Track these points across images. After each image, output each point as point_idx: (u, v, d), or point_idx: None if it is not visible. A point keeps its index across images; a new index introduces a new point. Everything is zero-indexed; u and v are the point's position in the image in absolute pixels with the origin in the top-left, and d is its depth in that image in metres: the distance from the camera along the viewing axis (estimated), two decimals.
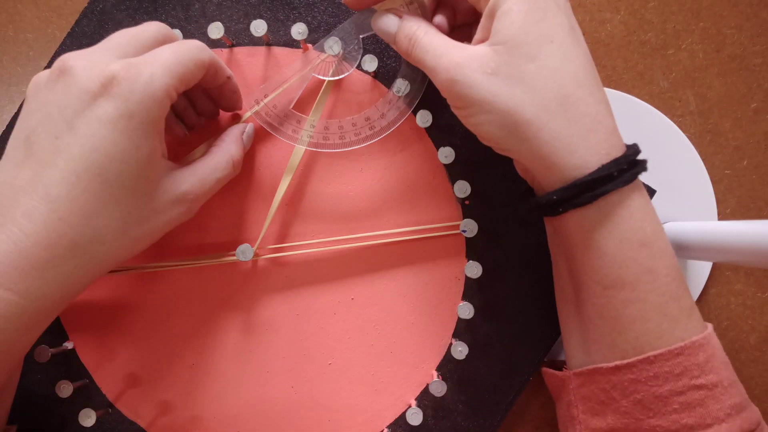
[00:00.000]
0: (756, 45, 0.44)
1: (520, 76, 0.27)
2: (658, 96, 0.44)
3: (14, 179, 0.26)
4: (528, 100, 0.27)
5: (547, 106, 0.27)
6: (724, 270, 0.44)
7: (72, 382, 0.34)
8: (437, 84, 0.29)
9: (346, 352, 0.36)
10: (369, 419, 0.36)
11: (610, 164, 0.27)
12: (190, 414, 0.36)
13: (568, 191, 0.27)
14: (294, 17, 0.37)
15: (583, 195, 0.27)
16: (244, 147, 0.34)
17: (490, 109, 0.27)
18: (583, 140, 0.27)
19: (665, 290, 0.28)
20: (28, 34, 0.45)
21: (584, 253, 0.29)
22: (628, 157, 0.27)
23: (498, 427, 0.36)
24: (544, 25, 0.27)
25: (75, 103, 0.25)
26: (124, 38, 0.28)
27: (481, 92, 0.27)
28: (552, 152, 0.27)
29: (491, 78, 0.27)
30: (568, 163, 0.27)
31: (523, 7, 0.27)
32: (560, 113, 0.27)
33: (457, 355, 0.34)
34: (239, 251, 0.34)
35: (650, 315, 0.28)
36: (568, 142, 0.27)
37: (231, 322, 0.36)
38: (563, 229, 0.30)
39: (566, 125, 0.27)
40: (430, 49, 0.29)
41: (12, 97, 0.45)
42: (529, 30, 0.27)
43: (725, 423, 0.27)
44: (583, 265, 0.29)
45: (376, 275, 0.36)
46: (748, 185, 0.44)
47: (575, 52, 0.27)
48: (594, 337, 0.30)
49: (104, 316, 0.36)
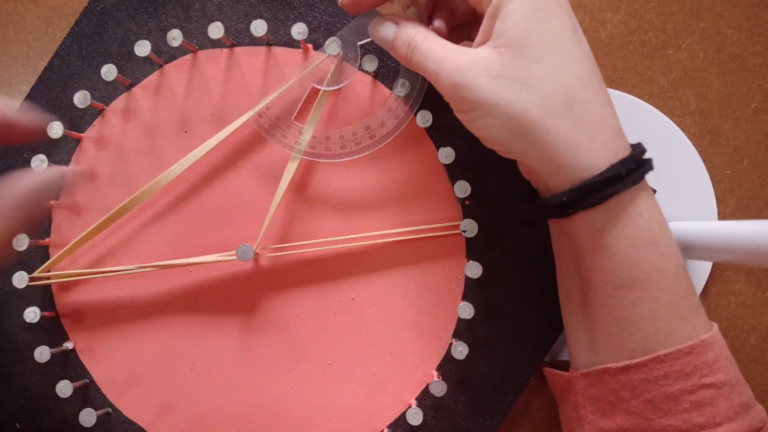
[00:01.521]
0: (756, 45, 0.44)
1: (525, 77, 0.27)
2: (658, 96, 0.44)
3: None
4: (534, 102, 0.27)
5: (553, 107, 0.27)
6: (724, 270, 0.44)
7: (72, 382, 0.34)
8: (440, 89, 0.29)
9: (346, 352, 0.36)
10: (369, 419, 0.36)
11: (618, 164, 0.27)
12: (190, 414, 0.36)
13: (577, 193, 0.27)
14: (294, 17, 0.37)
15: (592, 196, 0.27)
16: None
17: (496, 112, 0.27)
18: (590, 141, 0.27)
19: (675, 289, 0.28)
20: (28, 34, 0.45)
21: (593, 254, 0.29)
22: (635, 157, 0.27)
23: (498, 427, 0.36)
24: (548, 26, 0.27)
25: None
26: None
27: (486, 95, 0.27)
28: (560, 154, 0.27)
29: (496, 80, 0.27)
30: (576, 164, 0.27)
31: (527, 8, 0.27)
32: (567, 114, 0.27)
33: (457, 355, 0.34)
34: (239, 251, 0.34)
35: (661, 314, 0.28)
36: (576, 144, 0.27)
37: (231, 322, 0.36)
38: (571, 230, 0.29)
39: (573, 126, 0.27)
40: (431, 54, 0.29)
41: (12, 98, 0.45)
42: (533, 31, 0.27)
43: (734, 421, 0.27)
44: (593, 266, 0.29)
45: (376, 275, 0.36)
46: (749, 185, 0.44)
47: (579, 53, 0.27)
48: (602, 337, 0.30)
49: (104, 316, 0.36)
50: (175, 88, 0.37)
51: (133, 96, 0.37)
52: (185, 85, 0.37)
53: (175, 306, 0.36)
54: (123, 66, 0.37)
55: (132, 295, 0.36)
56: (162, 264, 0.35)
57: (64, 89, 0.37)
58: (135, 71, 0.37)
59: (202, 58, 0.37)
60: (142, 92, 0.37)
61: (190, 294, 0.36)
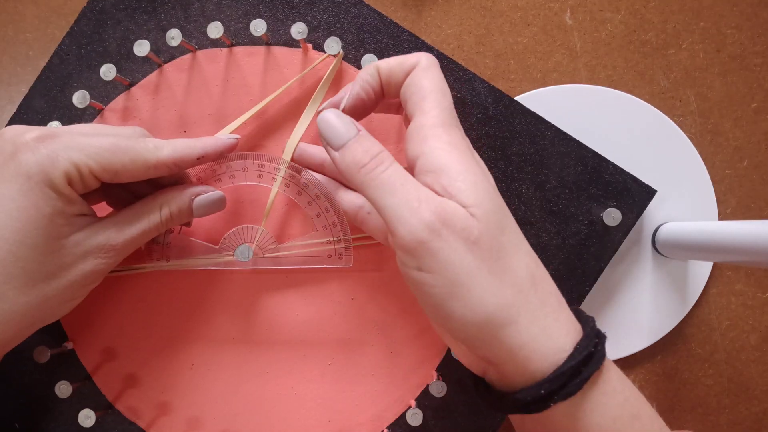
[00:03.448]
0: (756, 45, 0.44)
1: (499, 250, 0.24)
2: (659, 96, 0.44)
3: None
4: (508, 282, 0.24)
5: (522, 287, 0.24)
6: (724, 270, 0.44)
7: (72, 383, 0.34)
8: (396, 239, 0.25)
9: (345, 353, 0.36)
10: (369, 419, 0.36)
11: (584, 341, 0.24)
12: (190, 414, 0.36)
13: (556, 382, 0.24)
14: (294, 17, 0.37)
15: (571, 383, 0.24)
16: (190, 207, 0.31)
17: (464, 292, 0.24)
18: (556, 322, 0.24)
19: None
20: (28, 34, 0.45)
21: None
22: (594, 329, 0.25)
23: (498, 427, 0.36)
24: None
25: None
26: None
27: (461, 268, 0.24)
28: (531, 339, 0.24)
29: (474, 249, 0.24)
30: (548, 348, 0.24)
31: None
32: (533, 294, 0.24)
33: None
34: (239, 251, 0.34)
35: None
36: (544, 325, 0.24)
37: (231, 322, 0.36)
38: (546, 422, 0.26)
39: (540, 306, 0.24)
40: (393, 189, 0.25)
41: (12, 97, 0.45)
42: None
43: None
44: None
45: (376, 275, 0.36)
46: (749, 185, 0.44)
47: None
48: None
49: (104, 316, 0.36)
50: (174, 87, 0.37)
51: (132, 96, 0.37)
52: (184, 84, 0.37)
53: (174, 306, 0.36)
54: (122, 66, 0.37)
55: (131, 295, 0.36)
56: (162, 264, 0.35)
57: (63, 89, 0.37)
58: (134, 71, 0.37)
59: (202, 58, 0.37)
60: (141, 92, 0.37)
61: (189, 294, 0.36)
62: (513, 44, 0.45)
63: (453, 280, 0.24)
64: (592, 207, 0.36)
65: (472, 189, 0.24)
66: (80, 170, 0.27)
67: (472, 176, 0.25)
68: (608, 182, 0.36)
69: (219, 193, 0.32)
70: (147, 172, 0.29)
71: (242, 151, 0.36)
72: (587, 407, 0.25)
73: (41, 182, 0.26)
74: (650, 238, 0.43)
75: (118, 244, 0.29)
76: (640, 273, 0.43)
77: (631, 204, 0.36)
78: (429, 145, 0.25)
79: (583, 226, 0.36)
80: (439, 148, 0.25)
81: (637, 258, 0.43)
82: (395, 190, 0.25)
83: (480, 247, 0.24)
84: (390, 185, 0.25)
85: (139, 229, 0.30)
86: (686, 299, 0.43)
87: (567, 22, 0.45)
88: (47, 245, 0.27)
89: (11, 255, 0.26)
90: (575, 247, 0.36)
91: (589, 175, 0.36)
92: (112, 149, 0.28)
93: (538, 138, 0.36)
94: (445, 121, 0.26)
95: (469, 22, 0.45)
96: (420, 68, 0.27)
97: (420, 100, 0.26)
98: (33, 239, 0.26)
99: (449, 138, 0.26)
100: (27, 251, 0.26)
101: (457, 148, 0.25)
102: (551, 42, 0.45)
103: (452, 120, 0.26)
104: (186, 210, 0.31)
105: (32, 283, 0.27)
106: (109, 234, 0.29)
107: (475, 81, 0.36)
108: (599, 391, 0.25)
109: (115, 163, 0.28)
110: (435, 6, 0.45)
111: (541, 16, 0.45)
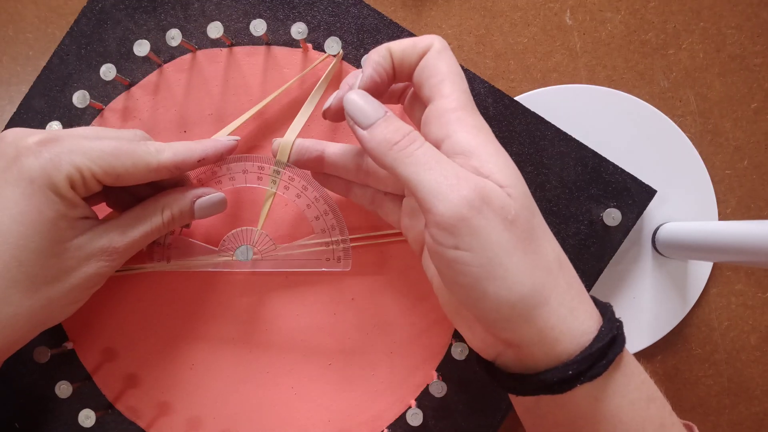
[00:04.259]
0: (756, 45, 0.44)
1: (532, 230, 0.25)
2: (659, 96, 0.44)
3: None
4: (539, 264, 0.24)
5: (550, 267, 0.24)
6: (724, 270, 0.44)
7: (72, 383, 0.34)
8: (430, 217, 0.24)
9: (346, 352, 0.36)
10: (369, 419, 0.36)
11: (607, 324, 0.25)
12: (190, 414, 0.36)
13: (583, 363, 0.24)
14: (294, 16, 0.37)
15: (598, 364, 0.24)
16: (191, 209, 0.31)
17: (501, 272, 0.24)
18: (581, 304, 0.25)
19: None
20: (28, 34, 0.45)
21: (595, 426, 0.25)
22: (613, 313, 0.26)
23: (498, 427, 0.36)
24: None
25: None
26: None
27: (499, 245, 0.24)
28: (560, 320, 0.24)
29: (511, 228, 0.25)
30: (575, 330, 0.24)
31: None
32: (561, 275, 0.25)
33: (457, 356, 0.34)
34: (239, 251, 0.34)
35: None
36: (571, 307, 0.24)
37: (231, 322, 0.36)
38: (567, 404, 0.26)
39: (567, 289, 0.25)
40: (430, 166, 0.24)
41: (12, 97, 0.45)
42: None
43: None
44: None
45: (376, 275, 0.36)
46: (749, 185, 0.44)
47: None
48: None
49: (104, 316, 0.36)
50: (174, 87, 0.37)
51: (132, 96, 0.37)
52: (184, 84, 0.37)
53: (174, 306, 0.36)
54: (122, 65, 0.37)
55: (132, 295, 0.36)
56: (162, 264, 0.35)
57: (63, 89, 0.37)
58: (134, 71, 0.37)
59: (201, 58, 0.37)
60: (141, 92, 0.37)
61: (189, 294, 0.36)
62: (513, 44, 0.45)
63: (492, 258, 0.23)
64: (592, 207, 0.36)
65: (504, 170, 0.25)
66: (83, 174, 0.27)
67: (503, 158, 0.25)
68: (608, 182, 0.36)
69: (220, 194, 0.32)
70: (148, 176, 0.29)
71: (242, 150, 0.36)
72: (609, 389, 0.25)
73: (44, 186, 0.26)
74: (650, 238, 0.43)
75: (121, 247, 0.29)
76: (640, 273, 0.43)
77: (631, 204, 0.36)
78: (454, 128, 0.25)
79: (583, 226, 0.36)
80: (465, 131, 0.25)
81: (637, 258, 0.43)
82: (431, 167, 0.24)
83: (517, 227, 0.24)
84: (425, 162, 0.24)
85: (141, 231, 0.30)
86: (686, 299, 0.43)
87: (567, 22, 0.45)
88: (50, 249, 0.27)
89: (15, 259, 0.26)
90: (575, 247, 0.36)
91: (589, 175, 0.36)
92: (115, 153, 0.28)
93: (538, 138, 0.36)
94: (466, 104, 0.26)
95: (469, 22, 0.45)
96: (435, 51, 0.27)
97: (438, 83, 0.26)
98: (36, 243, 0.26)
99: (473, 121, 0.26)
100: (30, 255, 0.27)
101: (483, 131, 0.26)
102: (551, 42, 0.45)
103: (472, 103, 0.26)
104: (188, 212, 0.31)
105: (36, 287, 0.27)
106: (112, 237, 0.29)
107: (475, 81, 0.36)
108: (620, 373, 0.25)
109: (117, 167, 0.28)
110: (435, 6, 0.45)
111: (541, 16, 0.45)
